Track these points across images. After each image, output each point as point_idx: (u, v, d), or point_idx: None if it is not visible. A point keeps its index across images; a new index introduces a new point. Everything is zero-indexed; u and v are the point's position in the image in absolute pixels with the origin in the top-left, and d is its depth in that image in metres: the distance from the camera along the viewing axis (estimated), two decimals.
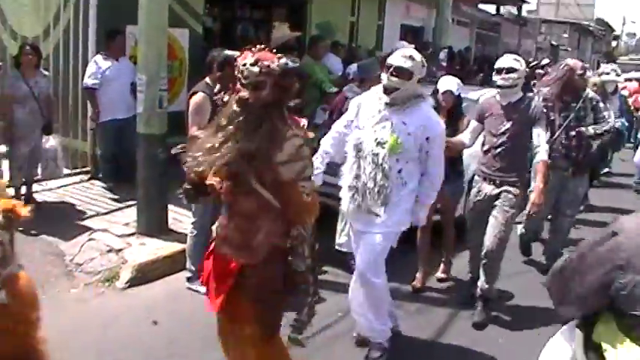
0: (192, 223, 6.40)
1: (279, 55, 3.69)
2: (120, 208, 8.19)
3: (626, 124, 12.66)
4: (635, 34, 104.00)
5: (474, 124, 6.42)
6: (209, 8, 11.52)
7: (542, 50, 41.38)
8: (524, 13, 40.45)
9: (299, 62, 3.91)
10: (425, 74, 5.15)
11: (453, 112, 6.88)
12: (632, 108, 15.94)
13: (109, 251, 6.85)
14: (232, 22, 13.00)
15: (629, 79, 20.88)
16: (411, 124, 4.91)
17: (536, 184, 5.91)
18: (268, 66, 3.58)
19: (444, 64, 16.11)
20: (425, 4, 20.00)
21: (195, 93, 6.22)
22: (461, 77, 8.02)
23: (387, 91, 5.02)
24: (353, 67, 10.49)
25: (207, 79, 6.35)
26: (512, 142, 6.07)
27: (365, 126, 5.03)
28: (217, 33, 12.07)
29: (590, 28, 59.60)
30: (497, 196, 6.09)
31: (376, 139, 4.93)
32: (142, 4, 7.20)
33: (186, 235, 6.55)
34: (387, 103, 5.00)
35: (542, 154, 5.96)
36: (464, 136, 6.47)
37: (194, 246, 6.34)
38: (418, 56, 5.03)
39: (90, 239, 7.10)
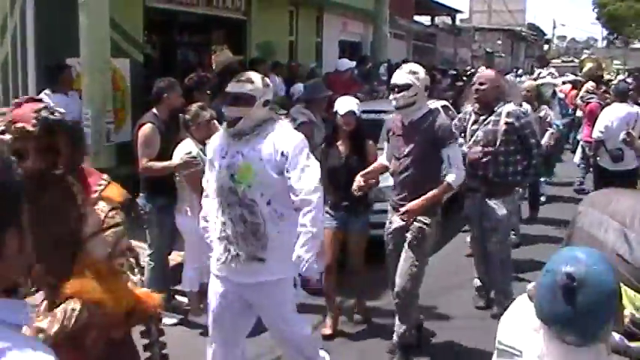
0: (149, 255, 6.35)
1: (36, 108, 2.77)
2: None
3: (561, 126, 12.71)
4: (565, 36, 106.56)
5: (386, 146, 5.83)
6: (148, 35, 11.45)
7: (477, 58, 42.09)
8: (457, 23, 41.20)
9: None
10: (271, 97, 4.49)
11: (355, 136, 6.15)
12: (570, 109, 16.10)
13: None
14: (172, 48, 12.94)
15: (563, 82, 21.36)
16: (264, 149, 4.22)
17: (425, 196, 5.30)
18: (23, 128, 2.71)
19: (385, 78, 16.30)
20: (362, 19, 20.21)
21: (143, 124, 6.19)
22: None
23: (230, 122, 4.42)
24: (298, 88, 10.58)
25: (155, 110, 6.32)
26: (416, 165, 5.42)
27: (218, 164, 4.38)
28: (158, 60, 11.99)
29: (523, 34, 60.90)
30: (407, 228, 5.43)
31: (231, 175, 4.27)
32: (83, 36, 7.17)
33: (142, 267, 6.48)
34: (233, 136, 4.37)
35: (450, 175, 5.36)
36: (382, 159, 5.86)
37: (152, 278, 6.28)
38: (258, 78, 4.44)
39: None
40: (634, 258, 2.08)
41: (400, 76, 5.40)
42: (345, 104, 6.08)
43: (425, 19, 34.06)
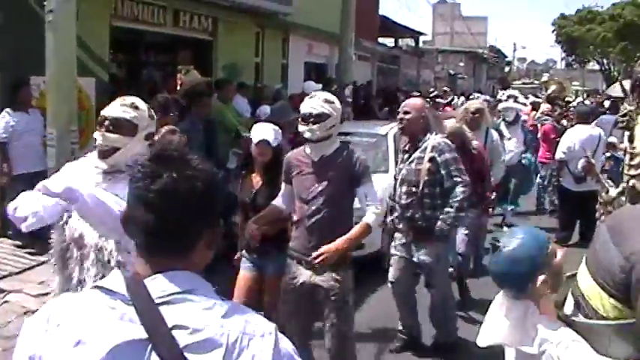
0: None
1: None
2: (33, 267, 7.92)
3: (532, 159, 12.38)
4: (525, 58, 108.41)
5: (284, 188, 5.10)
6: (113, 54, 11.40)
7: (440, 79, 42.53)
8: (421, 45, 41.61)
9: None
10: (154, 130, 3.90)
11: (271, 168, 5.35)
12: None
13: (26, 313, 6.62)
14: (138, 68, 12.90)
15: (524, 104, 21.64)
16: None
17: (343, 238, 4.68)
18: None
19: (350, 100, 16.38)
20: (327, 41, 20.32)
21: None
22: (366, 112, 7.71)
23: (103, 152, 3.71)
24: (264, 110, 10.59)
25: None
26: (330, 208, 4.73)
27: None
28: (123, 79, 11.94)
29: (485, 56, 61.66)
30: (319, 286, 4.76)
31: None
32: (49, 55, 7.11)
33: None
34: (106, 172, 3.68)
35: (369, 215, 4.75)
36: (277, 201, 5.13)
37: None
38: (144, 105, 3.82)
39: (4, 302, 6.86)
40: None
41: (316, 105, 4.75)
42: (260, 132, 5.38)
43: (389, 41, 34.37)
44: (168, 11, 12.34)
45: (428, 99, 20.86)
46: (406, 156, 5.93)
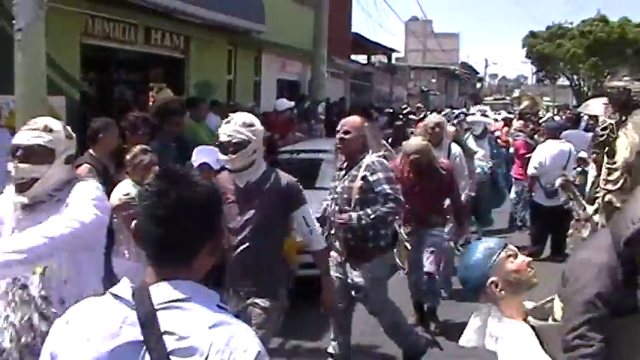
0: None
1: None
2: None
3: (501, 172, 12.15)
4: (497, 74, 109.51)
5: None
6: (84, 72, 11.31)
7: (412, 96, 42.77)
8: (393, 61, 41.86)
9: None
10: (74, 151, 3.60)
11: None
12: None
13: None
14: (109, 86, 12.82)
15: (495, 120, 21.80)
16: None
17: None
18: None
19: (323, 117, 16.41)
20: (300, 58, 20.40)
21: (79, 165, 6.07)
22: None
23: (20, 186, 3.33)
24: None
25: (91, 150, 6.23)
26: (258, 237, 4.45)
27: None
28: (94, 98, 11.84)
29: (456, 72, 62.19)
30: (243, 312, 4.45)
31: None
32: (18, 73, 7.02)
33: None
34: (25, 206, 3.33)
35: (317, 242, 4.62)
36: None
37: None
38: (59, 126, 3.43)
39: None
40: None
41: (233, 132, 4.41)
42: (200, 155, 5.20)
43: (362, 58, 34.53)
44: (140, 29, 12.29)
45: (401, 115, 20.98)
46: (342, 173, 5.75)
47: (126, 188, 5.84)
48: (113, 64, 12.93)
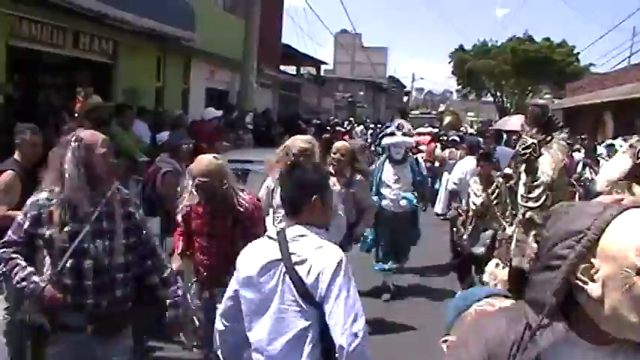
0: (5, 309, 6.10)
1: None
2: None
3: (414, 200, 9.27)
4: (423, 89, 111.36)
5: None
6: (9, 75, 11.10)
7: (340, 108, 43.17)
8: (322, 73, 42.17)
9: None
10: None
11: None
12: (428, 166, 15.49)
13: None
14: (35, 89, 12.60)
15: (421, 134, 22.16)
16: None
17: None
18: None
19: (251, 127, 16.48)
20: (229, 67, 20.40)
21: (3, 171, 5.99)
22: (267, 139, 7.47)
23: None
24: (163, 136, 10.52)
25: (16, 156, 6.14)
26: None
27: None
28: (20, 101, 11.63)
29: (384, 86, 63.07)
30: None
31: None
32: None
33: None
34: None
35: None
36: None
37: (9, 331, 6.03)
38: None
39: None
40: None
41: None
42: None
43: (291, 69, 34.71)
44: (68, 32, 12.14)
45: (328, 127, 21.19)
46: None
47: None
48: (40, 67, 12.73)
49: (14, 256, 3.87)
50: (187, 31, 15.82)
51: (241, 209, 5.02)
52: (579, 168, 13.64)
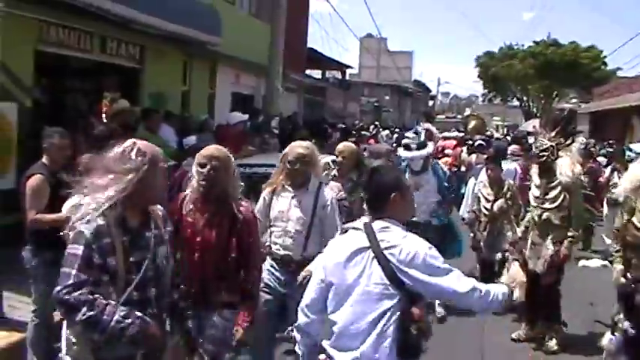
0: (33, 311, 6.13)
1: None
2: None
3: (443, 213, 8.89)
4: (449, 93, 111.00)
5: None
6: (37, 79, 11.18)
7: (365, 112, 43.09)
8: (347, 77, 42.15)
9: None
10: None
11: None
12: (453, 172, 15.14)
13: None
14: (62, 94, 12.68)
15: (447, 138, 22.02)
16: None
17: None
18: None
19: (276, 131, 16.47)
20: (254, 72, 20.45)
21: (32, 175, 6.02)
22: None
23: None
24: (191, 140, 10.55)
25: (44, 159, 6.18)
26: None
27: None
28: (47, 105, 11.71)
29: (409, 90, 62.93)
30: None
31: None
32: None
33: (25, 323, 6.26)
34: None
35: None
36: None
37: (36, 336, 6.06)
38: None
39: None
40: None
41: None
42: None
43: (316, 73, 34.72)
44: (95, 37, 12.20)
45: (353, 131, 21.14)
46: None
47: (78, 199, 5.79)
48: (67, 72, 12.81)
49: (96, 296, 3.32)
50: (213, 35, 15.86)
51: (240, 216, 4.74)
52: (607, 172, 13.46)
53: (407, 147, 8.66)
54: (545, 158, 7.40)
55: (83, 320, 3.27)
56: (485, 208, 8.75)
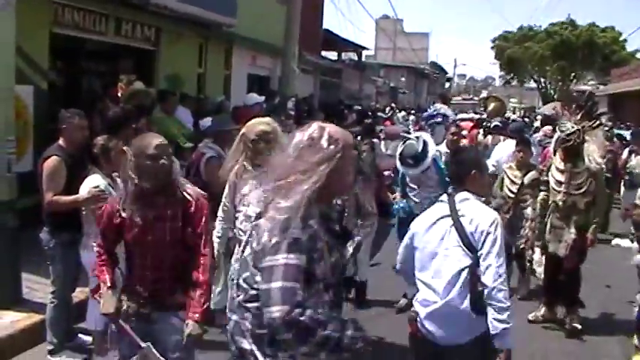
0: (52, 292, 6.15)
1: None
2: None
3: None
4: (465, 75, 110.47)
5: None
6: (53, 62, 11.17)
7: (381, 94, 42.94)
8: (363, 59, 41.96)
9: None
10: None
11: None
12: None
13: None
14: (78, 76, 12.67)
15: (464, 119, 21.86)
16: None
17: None
18: None
19: (293, 112, 16.41)
20: (270, 53, 20.38)
21: (49, 157, 6.01)
22: None
23: None
24: (206, 122, 10.53)
25: (61, 141, 6.16)
26: None
27: None
28: (63, 88, 11.70)
29: (426, 72, 62.62)
30: None
31: None
32: None
33: (44, 304, 6.27)
34: None
35: None
36: None
37: (55, 316, 6.08)
38: None
39: None
40: None
41: None
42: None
43: (332, 55, 34.58)
44: (111, 19, 12.16)
45: (369, 113, 21.06)
46: None
47: (95, 180, 5.79)
48: (83, 54, 12.79)
49: (320, 311, 2.84)
50: (228, 17, 15.81)
51: (190, 198, 4.23)
52: (625, 154, 13.32)
53: (403, 161, 7.94)
54: (572, 142, 7.28)
55: (319, 342, 2.77)
56: (510, 191, 8.58)
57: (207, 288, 4.28)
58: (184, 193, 4.23)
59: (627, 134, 15.94)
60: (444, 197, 4.24)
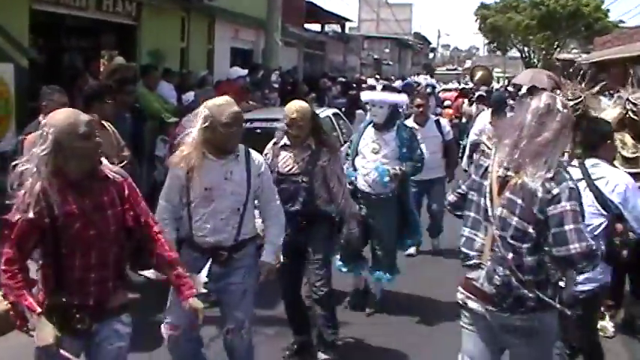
0: (38, 270, 6.13)
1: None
2: None
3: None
4: (449, 45, 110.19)
5: None
6: (33, 39, 11.06)
7: (366, 65, 42.80)
8: (347, 31, 41.74)
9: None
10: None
11: None
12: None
13: None
14: (59, 53, 12.56)
15: (448, 90, 21.89)
16: None
17: None
18: None
19: (276, 85, 16.39)
20: (253, 27, 20.26)
21: (29, 134, 5.97)
22: (293, 97, 6.33)
23: None
24: (189, 96, 10.52)
25: (41, 118, 6.12)
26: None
27: None
28: (44, 65, 11.61)
29: (410, 42, 62.37)
30: None
31: None
32: None
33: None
34: None
35: None
36: None
37: None
38: None
39: None
40: None
41: None
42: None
43: (315, 27, 34.38)
44: None
45: (354, 84, 21.03)
46: None
47: None
48: (63, 30, 12.66)
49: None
50: None
51: (119, 178, 3.64)
52: None
53: (372, 87, 7.45)
54: (579, 111, 7.24)
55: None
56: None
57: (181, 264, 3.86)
58: (110, 174, 3.60)
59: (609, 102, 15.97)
60: (575, 162, 4.62)
